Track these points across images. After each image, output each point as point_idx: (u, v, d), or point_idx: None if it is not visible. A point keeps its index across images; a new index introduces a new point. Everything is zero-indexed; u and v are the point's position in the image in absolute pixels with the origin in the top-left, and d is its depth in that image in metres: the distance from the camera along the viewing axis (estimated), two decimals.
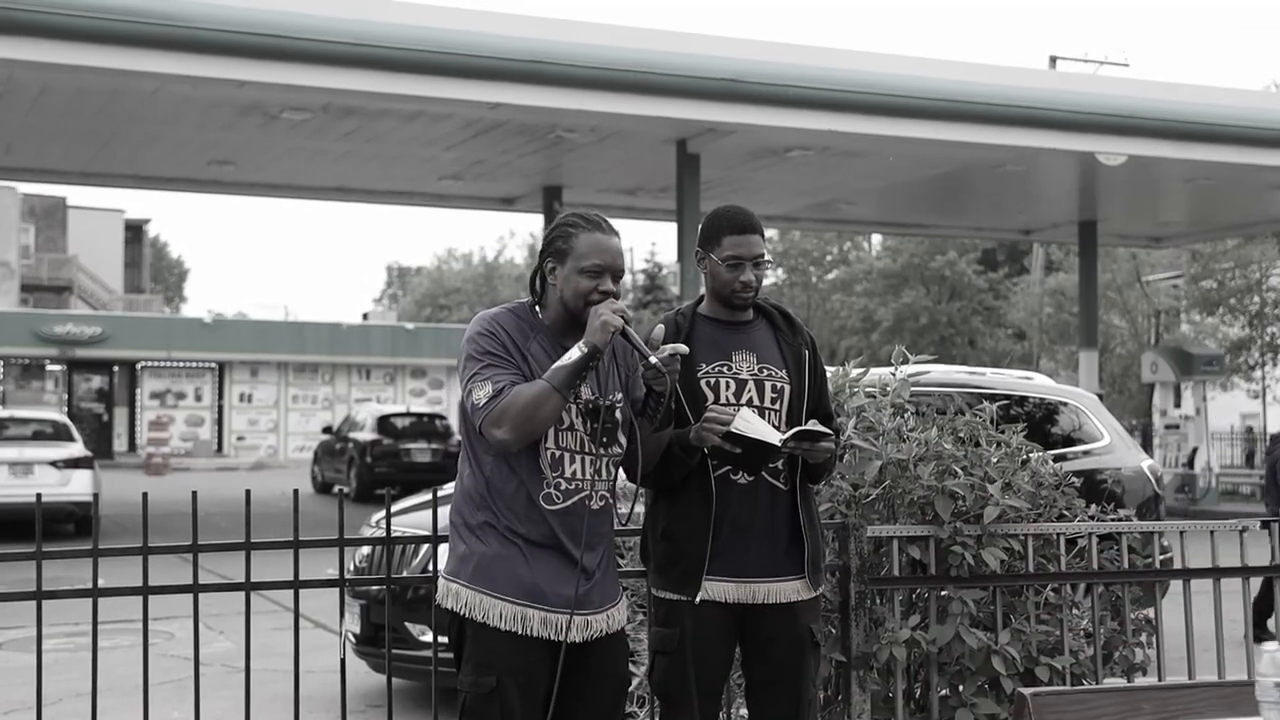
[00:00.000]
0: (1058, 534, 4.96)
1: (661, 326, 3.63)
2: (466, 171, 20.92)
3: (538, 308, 3.62)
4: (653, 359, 3.50)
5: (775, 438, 3.65)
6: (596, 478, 3.56)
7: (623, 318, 3.45)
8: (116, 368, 39.94)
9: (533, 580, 3.47)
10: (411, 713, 7.54)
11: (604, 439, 3.56)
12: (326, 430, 29.43)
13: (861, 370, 5.29)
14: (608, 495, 3.60)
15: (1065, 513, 5.11)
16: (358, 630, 7.43)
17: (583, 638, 3.51)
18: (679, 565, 3.82)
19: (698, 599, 3.79)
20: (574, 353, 3.42)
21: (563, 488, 3.52)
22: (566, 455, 3.53)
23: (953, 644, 4.67)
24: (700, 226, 3.98)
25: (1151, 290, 35.90)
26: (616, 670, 3.63)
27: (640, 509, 4.43)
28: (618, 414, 3.61)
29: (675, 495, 3.85)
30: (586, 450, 3.56)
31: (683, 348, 3.52)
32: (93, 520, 4.41)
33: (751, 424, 3.66)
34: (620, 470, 3.70)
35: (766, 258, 3.96)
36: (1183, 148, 18.52)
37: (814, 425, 3.71)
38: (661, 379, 3.50)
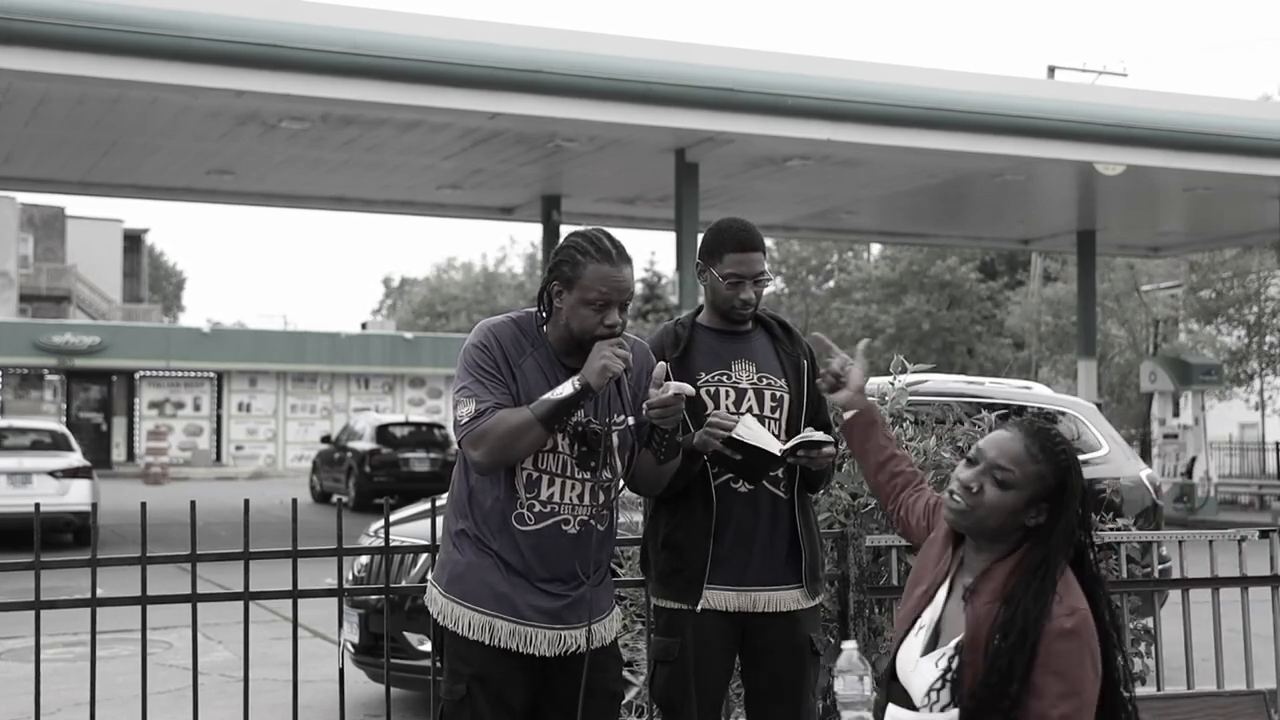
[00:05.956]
0: None
1: (663, 365, 3.54)
2: (465, 181, 20.94)
3: (545, 325, 3.56)
4: (630, 419, 3.50)
5: (776, 447, 3.66)
6: (577, 502, 3.51)
7: (625, 364, 3.40)
8: (115, 377, 39.89)
9: (504, 590, 3.45)
10: None
11: (592, 464, 3.51)
12: (325, 440, 29.41)
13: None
14: (590, 520, 3.52)
15: None
16: (356, 639, 7.42)
17: (555, 652, 3.48)
18: (681, 574, 3.82)
19: (699, 607, 3.79)
20: (566, 388, 3.38)
21: (535, 510, 3.47)
22: (545, 478, 3.49)
23: None
24: (702, 238, 3.98)
25: (1149, 300, 35.92)
26: (606, 686, 3.58)
27: (639, 518, 4.43)
28: (614, 439, 3.55)
29: (676, 504, 3.85)
30: (568, 474, 3.50)
31: (687, 388, 3.48)
32: (91, 530, 4.41)
33: (753, 431, 3.66)
34: (615, 493, 3.61)
35: (767, 274, 3.96)
36: (1181, 157, 18.55)
37: (814, 434, 3.71)
38: (665, 419, 3.47)
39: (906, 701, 2.89)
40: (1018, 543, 2.88)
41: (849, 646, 2.87)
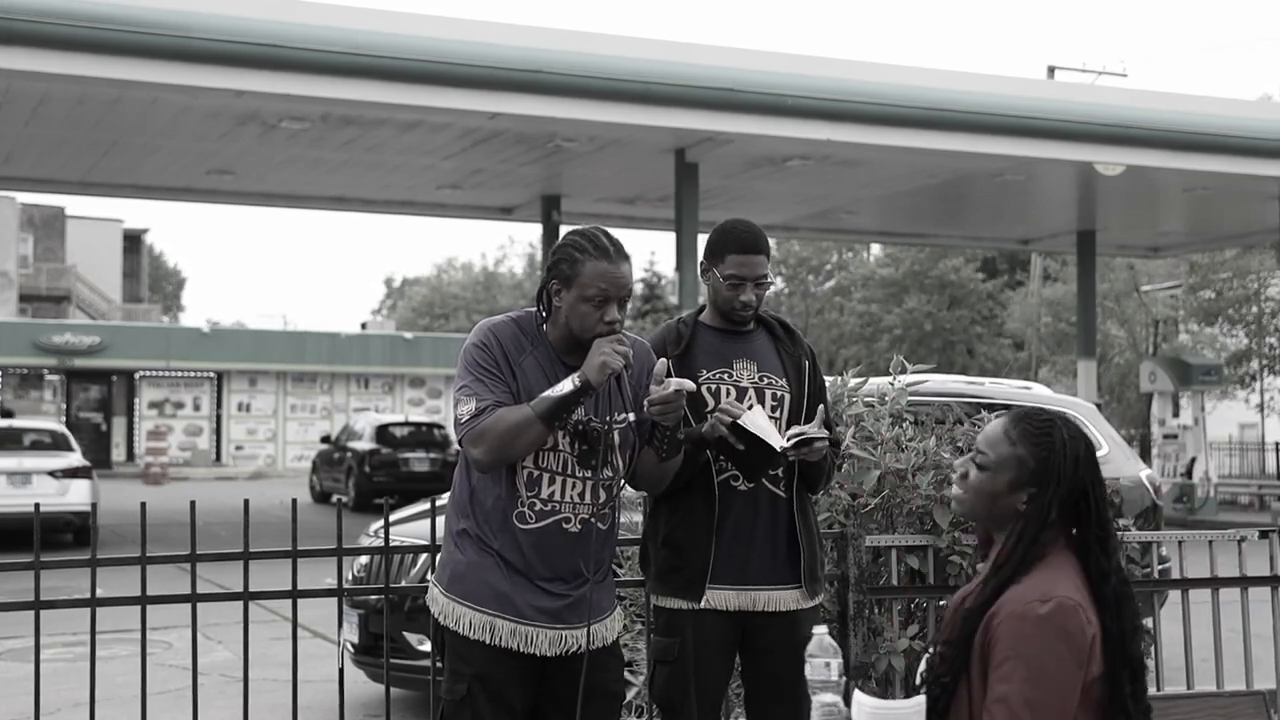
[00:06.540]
0: None
1: (664, 361, 3.54)
2: (465, 181, 20.94)
3: (544, 324, 3.56)
4: (631, 416, 3.51)
5: (778, 443, 3.66)
6: (578, 501, 3.51)
7: (625, 361, 3.41)
8: (115, 377, 39.88)
9: (505, 590, 3.45)
10: None
11: (593, 462, 3.51)
12: (325, 440, 29.40)
13: (860, 379, 5.29)
14: (590, 519, 3.52)
15: None
16: (356, 640, 7.42)
17: (556, 652, 3.48)
18: (681, 572, 3.83)
19: (701, 605, 3.79)
20: (566, 385, 3.39)
21: (536, 508, 3.47)
22: (545, 476, 3.49)
23: None
24: (708, 238, 3.98)
25: (1149, 300, 35.93)
26: (607, 686, 3.57)
27: (639, 518, 4.43)
28: (615, 437, 3.55)
29: (676, 502, 3.86)
30: (569, 472, 3.50)
31: (688, 384, 3.49)
32: (91, 530, 4.41)
33: (757, 422, 3.67)
34: (615, 493, 3.62)
35: (769, 278, 3.96)
36: (1180, 157, 18.56)
37: (812, 430, 3.72)
38: (666, 415, 3.47)
39: None
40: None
41: (819, 631, 2.87)
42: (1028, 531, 2.78)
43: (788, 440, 3.69)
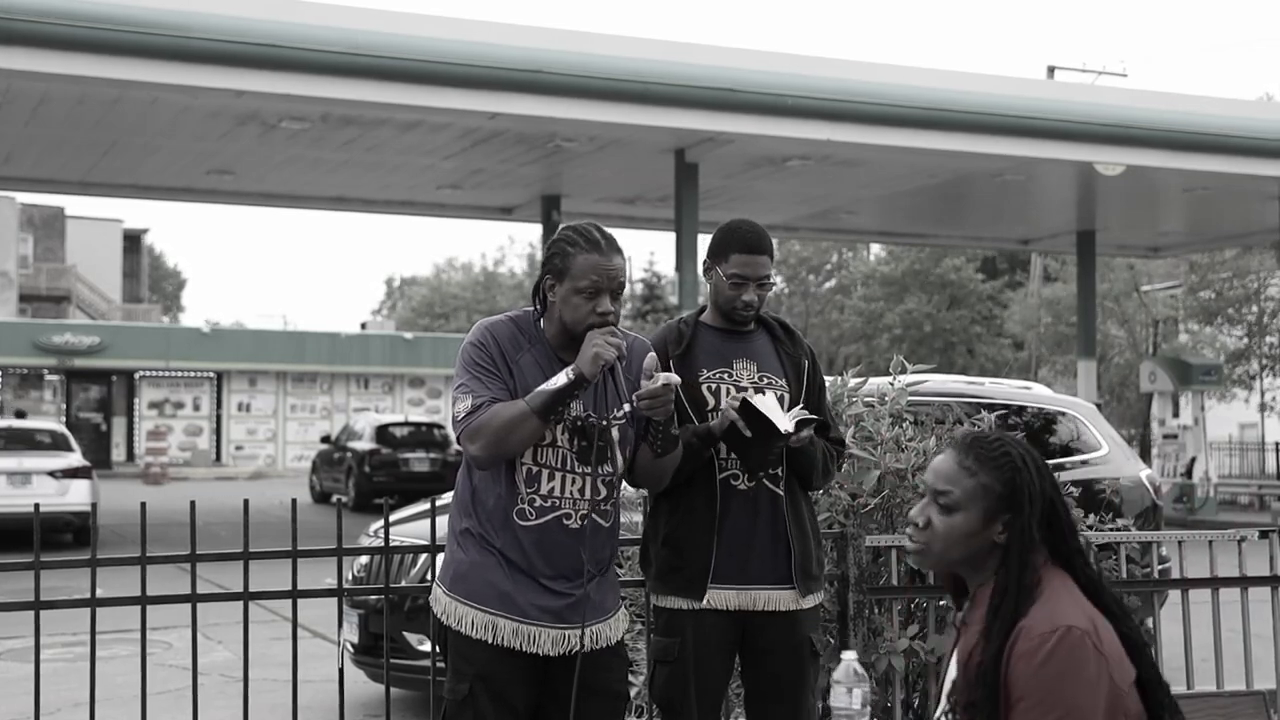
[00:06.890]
0: None
1: (653, 355, 3.58)
2: (465, 181, 20.94)
3: (541, 320, 3.59)
4: (626, 407, 3.52)
5: (784, 424, 3.67)
6: (578, 497, 3.52)
7: (617, 352, 3.42)
8: (115, 377, 39.87)
9: (508, 589, 3.46)
10: None
11: (591, 458, 3.51)
12: (325, 440, 29.40)
13: (860, 379, 5.29)
14: (590, 515, 3.53)
15: None
16: (356, 640, 7.43)
17: (558, 651, 3.48)
18: (682, 571, 3.83)
19: (703, 602, 3.79)
20: (560, 378, 3.40)
21: (537, 504, 3.48)
22: (544, 472, 3.50)
23: None
24: (712, 236, 4.00)
25: (1149, 300, 35.93)
26: (610, 687, 3.57)
27: (639, 518, 4.43)
28: (614, 432, 3.56)
29: (677, 501, 3.86)
30: (569, 468, 3.51)
31: (675, 378, 3.49)
32: (91, 530, 4.41)
33: (766, 404, 3.69)
34: (616, 488, 3.63)
35: (771, 279, 3.97)
36: (1180, 157, 18.56)
37: (807, 415, 3.75)
38: (655, 409, 3.48)
39: None
40: (999, 561, 2.68)
41: (848, 657, 2.83)
42: (1015, 560, 2.63)
43: (790, 422, 3.70)
